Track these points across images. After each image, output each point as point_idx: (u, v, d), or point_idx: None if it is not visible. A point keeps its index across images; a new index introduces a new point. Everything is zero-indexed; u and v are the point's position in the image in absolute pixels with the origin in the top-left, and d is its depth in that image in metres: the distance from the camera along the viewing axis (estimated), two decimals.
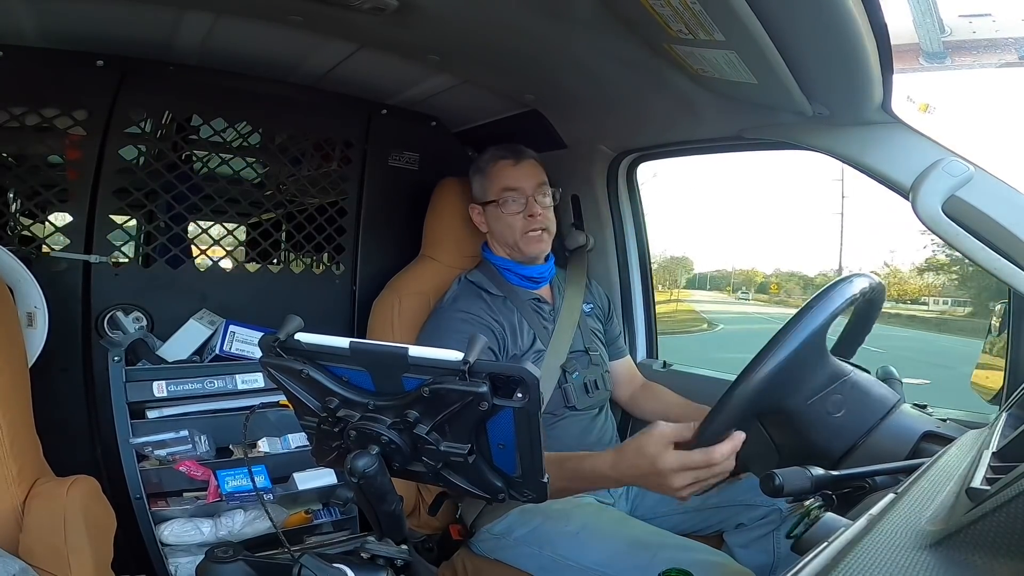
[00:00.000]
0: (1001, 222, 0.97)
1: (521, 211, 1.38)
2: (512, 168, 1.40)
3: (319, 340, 0.68)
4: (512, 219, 1.38)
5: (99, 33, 1.30)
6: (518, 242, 1.39)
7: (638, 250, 1.68)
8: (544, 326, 1.38)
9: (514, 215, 1.38)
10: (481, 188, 1.44)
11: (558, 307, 1.42)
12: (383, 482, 0.68)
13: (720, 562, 1.04)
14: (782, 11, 0.81)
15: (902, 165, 1.05)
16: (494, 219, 1.41)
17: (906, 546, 0.41)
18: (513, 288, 1.40)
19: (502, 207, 1.39)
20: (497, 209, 1.40)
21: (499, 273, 1.41)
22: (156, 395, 1.35)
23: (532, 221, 1.38)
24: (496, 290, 1.38)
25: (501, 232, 1.41)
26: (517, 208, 1.38)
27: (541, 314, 1.40)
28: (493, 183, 1.41)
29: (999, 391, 1.10)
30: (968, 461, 0.56)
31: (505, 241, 1.41)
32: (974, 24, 1.11)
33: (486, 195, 1.42)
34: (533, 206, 1.38)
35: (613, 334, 1.55)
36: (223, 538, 1.30)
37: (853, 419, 0.81)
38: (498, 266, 1.42)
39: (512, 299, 1.37)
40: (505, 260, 1.42)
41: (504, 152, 1.42)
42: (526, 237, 1.38)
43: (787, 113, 1.13)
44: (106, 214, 1.42)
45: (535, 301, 1.41)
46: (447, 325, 1.32)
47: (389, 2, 1.07)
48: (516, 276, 1.41)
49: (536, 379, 0.60)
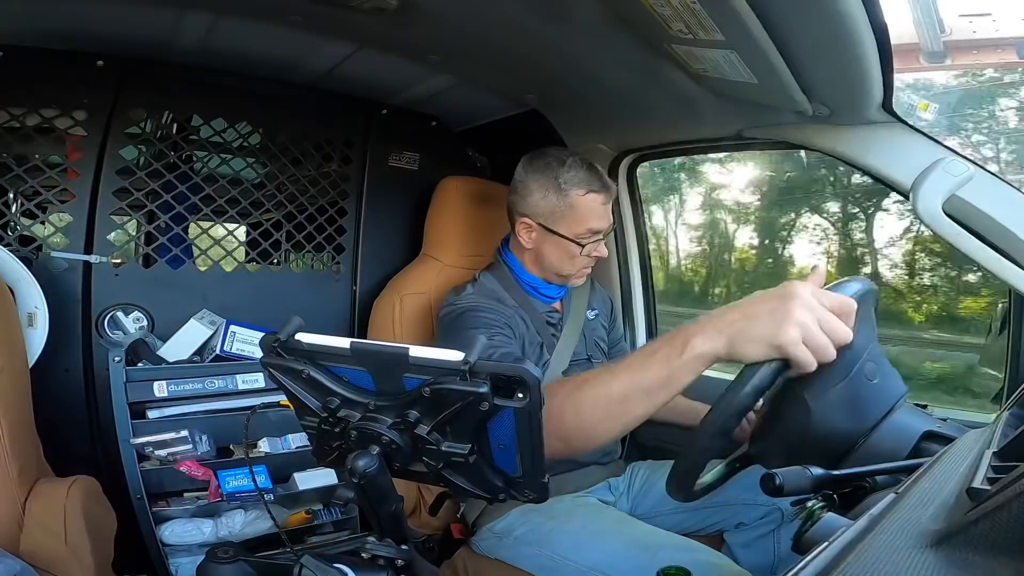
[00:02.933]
0: (1001, 221, 0.97)
1: (594, 251, 1.29)
2: (603, 206, 1.27)
3: (320, 340, 0.68)
4: (580, 258, 1.28)
5: (99, 33, 1.30)
6: (571, 275, 1.31)
7: (638, 250, 1.68)
8: (553, 335, 1.34)
9: (585, 255, 1.28)
10: (553, 211, 1.26)
11: (566, 313, 1.39)
12: (384, 482, 0.68)
13: (719, 563, 1.04)
14: (782, 11, 0.81)
15: (902, 165, 1.05)
16: (556, 248, 1.28)
17: (907, 546, 0.41)
18: (529, 300, 1.33)
19: (578, 244, 1.26)
20: (571, 246, 1.26)
21: (518, 284, 1.33)
22: (157, 395, 1.35)
23: (592, 260, 1.30)
24: (511, 301, 1.31)
25: (559, 263, 1.29)
26: (592, 249, 1.28)
27: (552, 325, 1.35)
28: (579, 218, 1.25)
29: (1000, 390, 1.10)
30: (969, 461, 0.56)
31: (556, 271, 1.31)
32: (974, 24, 1.11)
33: (558, 224, 1.26)
34: (602, 248, 1.29)
35: (616, 336, 1.54)
36: (224, 538, 1.30)
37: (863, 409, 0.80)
38: (521, 280, 1.34)
39: (526, 309, 1.31)
40: (534, 278, 1.33)
41: (596, 183, 1.26)
42: (582, 272, 1.32)
43: (787, 113, 1.13)
44: (106, 214, 1.42)
45: (548, 313, 1.36)
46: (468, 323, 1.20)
47: (389, 2, 1.07)
48: (535, 291, 1.34)
49: (537, 379, 0.60)
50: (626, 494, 1.36)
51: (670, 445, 1.51)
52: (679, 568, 0.73)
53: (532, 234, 1.30)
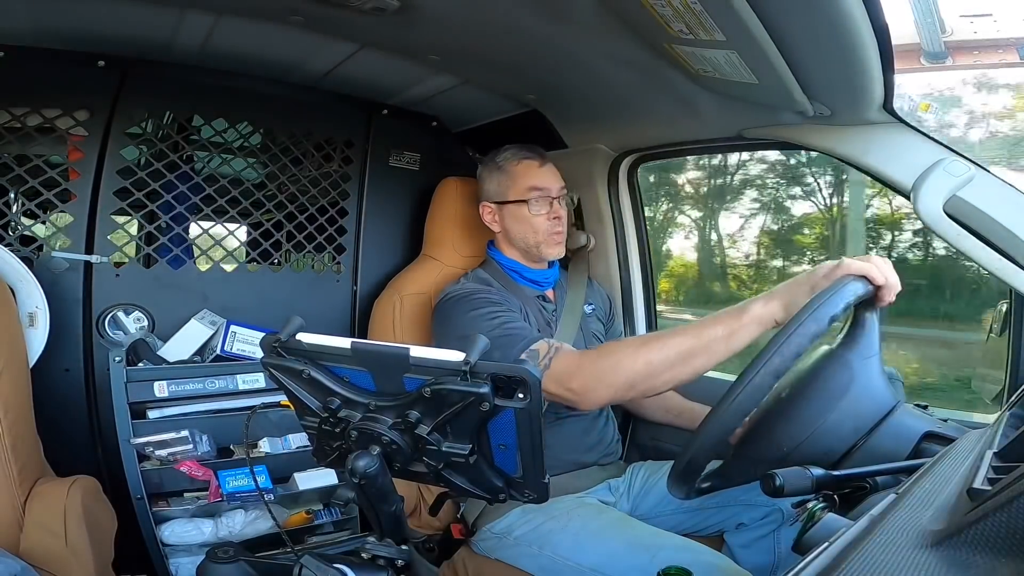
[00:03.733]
0: (1002, 222, 0.97)
1: (547, 212, 1.36)
2: (539, 168, 1.38)
3: (320, 340, 0.68)
4: (538, 220, 1.36)
5: (100, 33, 1.30)
6: (540, 243, 1.36)
7: (639, 250, 1.68)
8: (548, 323, 1.37)
9: (541, 216, 1.36)
10: (499, 187, 1.40)
11: (560, 306, 1.42)
12: (384, 482, 0.68)
13: (720, 564, 1.04)
14: (783, 11, 0.81)
15: (903, 165, 1.05)
16: (514, 219, 1.38)
17: (907, 546, 0.41)
18: (519, 287, 1.39)
19: (529, 207, 1.35)
20: (520, 209, 1.36)
21: (505, 274, 1.40)
22: (157, 395, 1.35)
23: (558, 223, 1.36)
24: (503, 289, 1.36)
25: (522, 233, 1.38)
26: (544, 208, 1.36)
27: (545, 312, 1.39)
28: (517, 182, 1.37)
29: (1000, 391, 1.10)
30: (969, 461, 0.56)
31: (525, 242, 1.38)
32: (975, 24, 1.11)
33: (506, 194, 1.38)
34: (559, 208, 1.37)
35: (615, 333, 1.54)
36: (224, 538, 1.30)
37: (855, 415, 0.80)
38: (505, 267, 1.40)
39: (518, 295, 1.36)
40: (514, 262, 1.40)
41: (529, 152, 1.40)
42: (550, 239, 1.37)
43: (788, 113, 1.13)
44: (107, 214, 1.43)
45: (539, 299, 1.40)
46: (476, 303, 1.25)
47: (390, 2, 1.07)
48: (523, 278, 1.40)
49: (537, 379, 0.60)
50: (626, 495, 1.35)
51: (670, 445, 1.51)
52: (680, 568, 0.73)
53: (493, 216, 1.41)
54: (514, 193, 1.37)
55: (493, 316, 1.21)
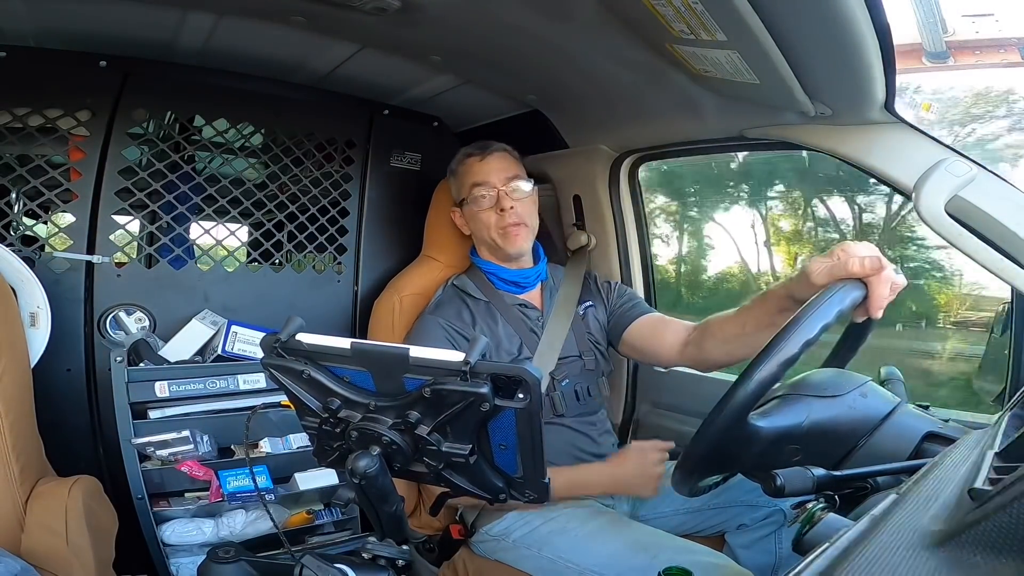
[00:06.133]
0: (1004, 222, 0.97)
1: (492, 206, 1.33)
2: (478, 163, 1.36)
3: (320, 340, 0.68)
4: (484, 215, 1.33)
5: (101, 33, 1.30)
6: (495, 239, 1.33)
7: (640, 250, 1.68)
8: (532, 332, 1.33)
9: (486, 211, 1.33)
10: (455, 190, 1.42)
11: (547, 313, 1.37)
12: (384, 482, 0.68)
13: (721, 564, 1.04)
14: (784, 11, 0.81)
15: (905, 165, 1.05)
16: (471, 219, 1.38)
17: (908, 547, 0.41)
18: (498, 293, 1.35)
19: (473, 204, 1.35)
20: (470, 208, 1.36)
21: (485, 278, 1.38)
22: (158, 395, 1.35)
23: (504, 215, 1.31)
24: (480, 295, 1.34)
25: (478, 231, 1.37)
26: (488, 203, 1.33)
27: (528, 321, 1.35)
28: (462, 181, 1.38)
29: (1002, 391, 1.09)
30: (971, 462, 0.56)
31: (483, 240, 1.37)
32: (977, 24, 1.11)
33: (459, 196, 1.40)
34: (503, 199, 1.32)
35: (629, 303, 1.40)
36: (224, 538, 1.30)
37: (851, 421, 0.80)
38: (484, 270, 1.39)
39: (496, 304, 1.33)
40: (490, 264, 1.38)
41: (471, 148, 1.39)
42: (502, 233, 1.32)
43: (789, 113, 1.12)
44: (109, 214, 1.43)
45: (521, 307, 1.36)
46: (424, 330, 1.31)
47: (391, 3, 1.07)
48: (501, 281, 1.37)
49: (537, 380, 0.60)
50: (626, 496, 1.35)
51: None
52: (680, 569, 0.73)
53: (461, 220, 1.42)
54: (463, 193, 1.38)
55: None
